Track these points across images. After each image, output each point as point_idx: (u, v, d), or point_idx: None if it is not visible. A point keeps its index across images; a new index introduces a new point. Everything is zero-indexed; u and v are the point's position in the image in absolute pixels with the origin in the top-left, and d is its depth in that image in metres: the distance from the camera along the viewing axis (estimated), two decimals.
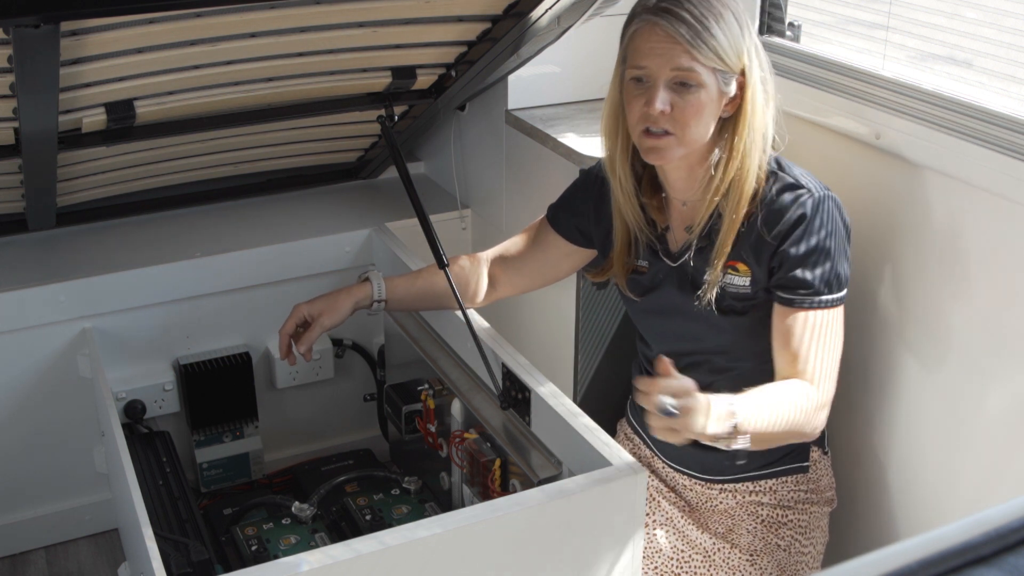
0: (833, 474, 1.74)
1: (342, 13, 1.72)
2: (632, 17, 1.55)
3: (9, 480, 2.30)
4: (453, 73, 2.09)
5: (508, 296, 1.94)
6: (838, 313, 1.57)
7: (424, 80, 2.11)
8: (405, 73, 2.04)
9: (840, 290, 1.57)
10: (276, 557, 1.92)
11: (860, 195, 1.84)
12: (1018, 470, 1.62)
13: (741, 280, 1.60)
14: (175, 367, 2.36)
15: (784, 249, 1.54)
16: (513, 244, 1.88)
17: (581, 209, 1.78)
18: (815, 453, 1.69)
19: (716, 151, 1.57)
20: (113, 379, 2.24)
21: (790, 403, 1.49)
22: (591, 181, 1.78)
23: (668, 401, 1.30)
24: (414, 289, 1.88)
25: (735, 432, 1.38)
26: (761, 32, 2.04)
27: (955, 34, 1.80)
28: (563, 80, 2.37)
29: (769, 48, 2.02)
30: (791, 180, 1.56)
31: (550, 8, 1.75)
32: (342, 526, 2.12)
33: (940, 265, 1.71)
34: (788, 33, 2.02)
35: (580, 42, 2.19)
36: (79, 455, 2.30)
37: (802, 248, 1.54)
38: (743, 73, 1.52)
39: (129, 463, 1.67)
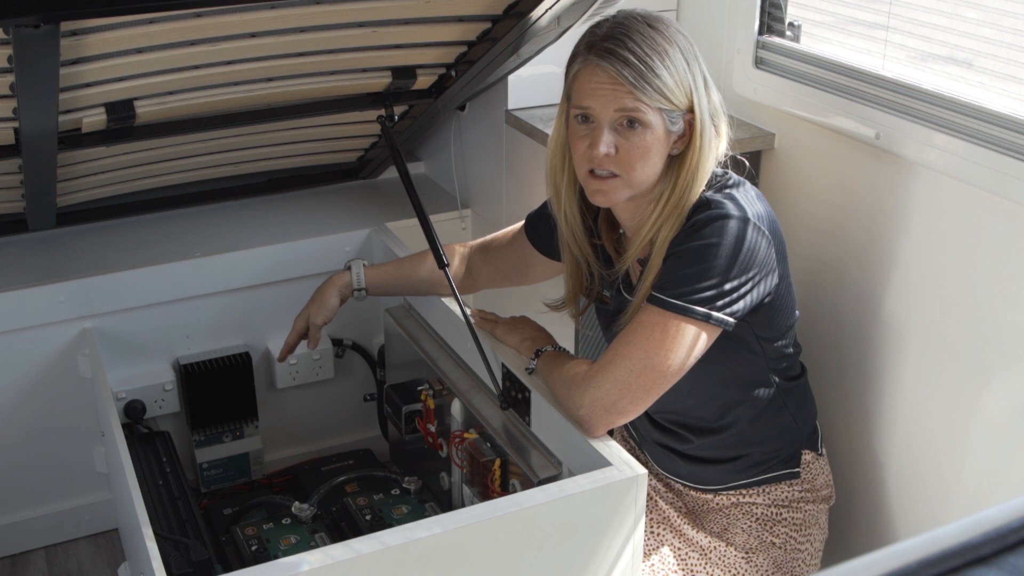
0: (830, 471, 1.74)
1: (342, 13, 1.72)
2: (575, 56, 1.52)
3: (9, 480, 2.30)
4: (453, 73, 2.09)
5: (485, 288, 2.00)
6: (681, 328, 1.44)
7: (424, 80, 2.11)
8: (405, 73, 2.04)
9: (700, 306, 1.44)
10: (276, 557, 1.92)
11: (860, 195, 1.84)
12: (1018, 470, 1.62)
13: None
14: (175, 367, 2.36)
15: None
16: (495, 240, 1.93)
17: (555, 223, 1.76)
18: (808, 456, 1.68)
19: (660, 186, 1.52)
20: (113, 379, 2.24)
21: (563, 379, 1.56)
22: None
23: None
24: (392, 277, 1.95)
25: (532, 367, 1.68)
26: (761, 32, 2.04)
27: (955, 34, 1.80)
28: (563, 80, 2.36)
29: (769, 48, 2.02)
30: (718, 208, 1.47)
31: (550, 8, 1.75)
32: (342, 526, 2.12)
33: (939, 265, 1.71)
34: (788, 33, 2.01)
35: None
36: (79, 455, 2.30)
37: (681, 248, 1.47)
38: (691, 109, 1.48)
39: (129, 463, 1.67)
